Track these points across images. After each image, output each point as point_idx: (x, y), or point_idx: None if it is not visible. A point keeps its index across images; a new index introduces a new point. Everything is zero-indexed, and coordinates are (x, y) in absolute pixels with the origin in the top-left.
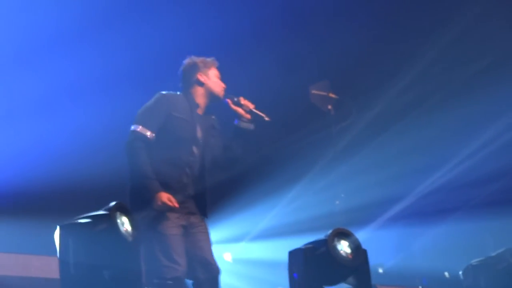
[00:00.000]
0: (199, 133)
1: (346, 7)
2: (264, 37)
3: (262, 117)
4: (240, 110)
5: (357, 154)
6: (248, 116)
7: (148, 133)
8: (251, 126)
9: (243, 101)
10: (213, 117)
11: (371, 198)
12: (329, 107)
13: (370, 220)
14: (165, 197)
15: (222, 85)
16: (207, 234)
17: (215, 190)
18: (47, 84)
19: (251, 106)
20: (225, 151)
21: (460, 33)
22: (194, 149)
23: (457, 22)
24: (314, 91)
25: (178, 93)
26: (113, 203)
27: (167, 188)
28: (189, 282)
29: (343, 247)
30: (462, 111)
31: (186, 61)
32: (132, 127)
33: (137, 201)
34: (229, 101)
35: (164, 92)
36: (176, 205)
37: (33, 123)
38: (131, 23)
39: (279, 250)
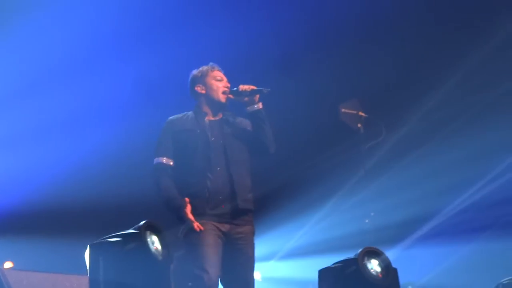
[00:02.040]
0: (211, 138)
1: (376, 28)
2: (294, 56)
3: (262, 91)
4: (243, 98)
5: (387, 173)
6: (255, 98)
7: (164, 159)
8: (259, 106)
9: (241, 88)
10: (229, 113)
11: (400, 216)
12: (359, 125)
13: (400, 239)
14: (195, 225)
15: (222, 88)
16: (246, 248)
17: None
18: (78, 102)
19: (249, 88)
20: (254, 142)
21: (489, 54)
22: (211, 153)
23: (485, 43)
24: (344, 110)
25: (187, 112)
26: (143, 222)
27: (196, 198)
28: None
29: (373, 266)
30: (492, 131)
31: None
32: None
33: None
34: (230, 97)
35: (169, 118)
36: (202, 228)
37: (62, 142)
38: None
39: (308, 269)
